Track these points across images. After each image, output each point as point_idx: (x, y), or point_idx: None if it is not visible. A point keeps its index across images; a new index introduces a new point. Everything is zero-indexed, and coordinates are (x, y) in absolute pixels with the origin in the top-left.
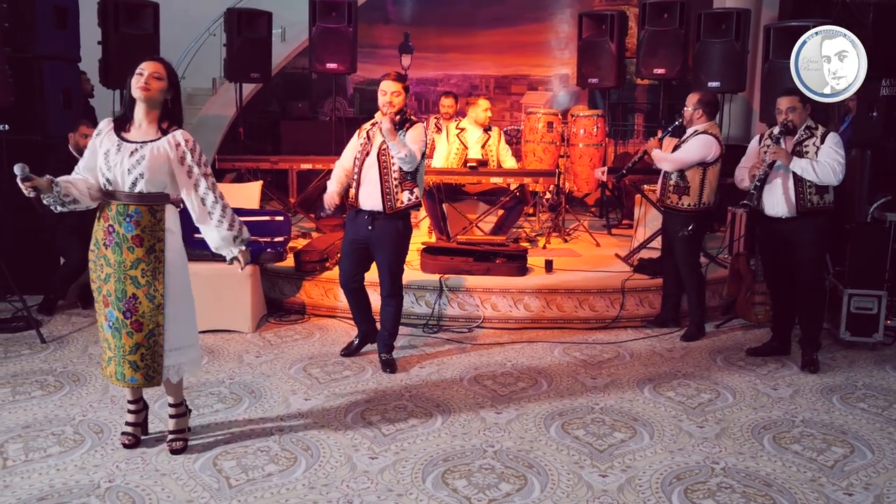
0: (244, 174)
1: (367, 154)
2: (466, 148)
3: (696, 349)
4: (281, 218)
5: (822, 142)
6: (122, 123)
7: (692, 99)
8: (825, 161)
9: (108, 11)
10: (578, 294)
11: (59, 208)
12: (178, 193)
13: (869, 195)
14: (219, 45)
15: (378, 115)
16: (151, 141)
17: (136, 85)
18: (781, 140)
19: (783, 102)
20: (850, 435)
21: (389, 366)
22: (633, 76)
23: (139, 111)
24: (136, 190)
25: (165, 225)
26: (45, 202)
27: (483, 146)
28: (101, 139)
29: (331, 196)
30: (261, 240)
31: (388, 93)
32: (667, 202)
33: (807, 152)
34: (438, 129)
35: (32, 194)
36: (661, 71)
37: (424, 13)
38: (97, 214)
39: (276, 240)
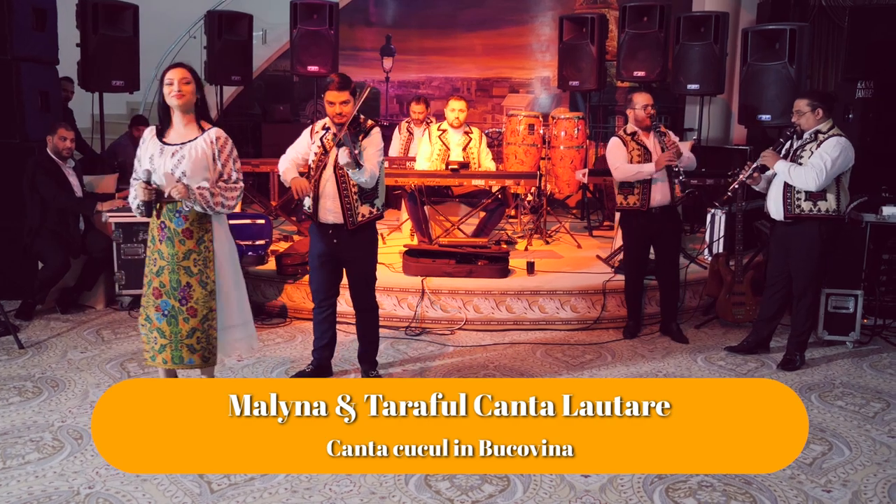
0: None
1: (324, 166)
2: (449, 149)
3: (678, 349)
4: (262, 221)
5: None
6: (163, 130)
7: (802, 102)
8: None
9: (87, 13)
10: (560, 295)
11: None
12: None
13: None
14: (199, 47)
15: (328, 122)
16: (190, 141)
17: (170, 94)
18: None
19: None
20: (828, 433)
21: None
22: (613, 79)
23: (176, 116)
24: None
25: (213, 217)
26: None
27: (464, 148)
28: (146, 146)
29: (300, 181)
30: (242, 243)
31: (337, 103)
32: (796, 211)
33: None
34: (410, 133)
35: (153, 196)
36: (641, 73)
37: (406, 15)
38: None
39: (258, 243)
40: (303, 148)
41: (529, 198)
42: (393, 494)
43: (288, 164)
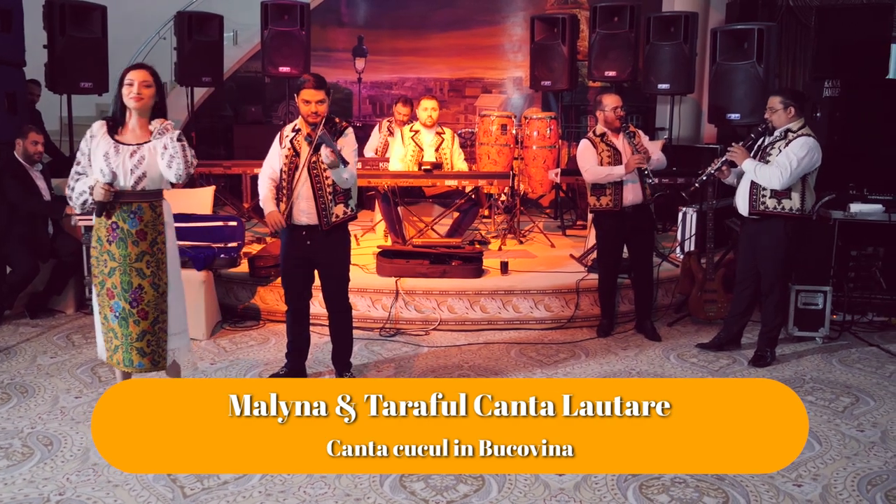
0: (197, 179)
1: (297, 168)
2: (422, 150)
3: (650, 347)
4: (234, 223)
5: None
6: (115, 126)
7: (776, 100)
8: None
9: (54, 14)
10: (534, 294)
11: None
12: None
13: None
14: (169, 48)
15: (299, 122)
16: (147, 142)
17: (129, 95)
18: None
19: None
20: None
21: None
22: (584, 79)
23: (132, 117)
24: (139, 188)
25: (164, 219)
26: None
27: (437, 149)
28: (97, 142)
29: (274, 216)
30: (214, 245)
31: (313, 102)
32: (760, 208)
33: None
34: (391, 133)
35: (111, 198)
36: (612, 73)
37: (378, 16)
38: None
39: (230, 245)
40: (275, 160)
41: (503, 198)
42: (368, 496)
43: (266, 190)
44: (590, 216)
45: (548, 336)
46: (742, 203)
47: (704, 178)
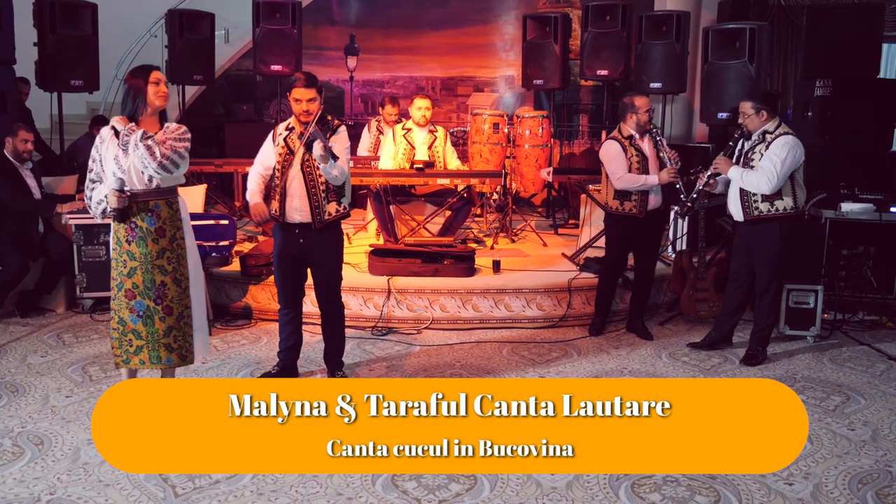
0: (188, 178)
1: (290, 166)
2: (414, 148)
3: (642, 346)
4: (226, 222)
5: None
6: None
7: (747, 105)
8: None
9: (45, 11)
10: (526, 293)
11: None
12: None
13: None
14: (160, 46)
15: (293, 121)
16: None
17: (158, 94)
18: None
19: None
20: None
21: None
22: (577, 77)
23: (147, 115)
24: (154, 186)
25: (181, 215)
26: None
27: (429, 147)
28: (106, 146)
29: (259, 208)
30: (205, 244)
31: (304, 101)
32: (755, 214)
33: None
34: (381, 132)
35: (126, 203)
36: (604, 72)
37: (370, 14)
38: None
39: (221, 244)
40: (267, 156)
41: (495, 196)
42: (360, 495)
43: (255, 184)
44: (585, 211)
45: (540, 335)
46: (735, 210)
47: (695, 195)
